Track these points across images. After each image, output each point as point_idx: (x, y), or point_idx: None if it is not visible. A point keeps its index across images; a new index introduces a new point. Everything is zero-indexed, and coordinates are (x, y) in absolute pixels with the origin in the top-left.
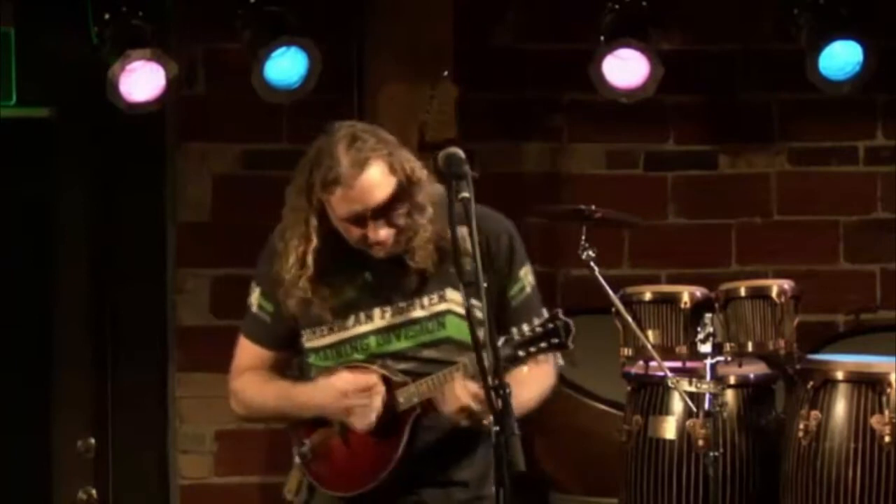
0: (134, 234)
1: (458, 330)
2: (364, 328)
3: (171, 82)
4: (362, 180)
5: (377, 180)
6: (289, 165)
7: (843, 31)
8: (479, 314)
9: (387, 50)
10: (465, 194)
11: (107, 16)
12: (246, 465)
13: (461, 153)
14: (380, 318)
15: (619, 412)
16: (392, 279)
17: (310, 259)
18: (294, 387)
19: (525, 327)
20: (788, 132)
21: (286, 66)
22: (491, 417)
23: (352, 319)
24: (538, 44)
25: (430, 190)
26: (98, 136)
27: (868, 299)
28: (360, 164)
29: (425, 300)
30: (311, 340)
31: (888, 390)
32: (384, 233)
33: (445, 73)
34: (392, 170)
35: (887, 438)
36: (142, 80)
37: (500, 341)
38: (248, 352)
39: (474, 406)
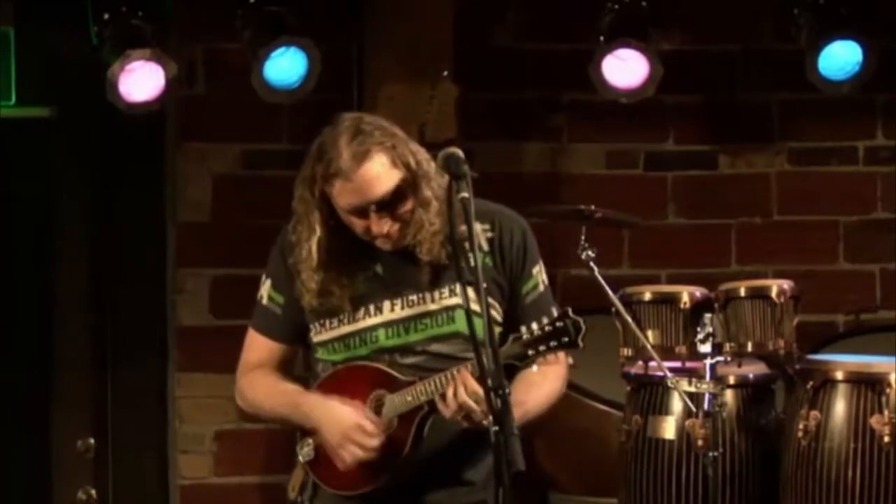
0: (134, 234)
1: (467, 325)
2: (373, 321)
3: (170, 82)
4: (362, 173)
5: (378, 173)
6: (289, 165)
7: (843, 31)
8: (493, 314)
9: (387, 50)
10: (465, 194)
11: (107, 16)
12: (246, 465)
13: (461, 153)
14: (389, 310)
15: (618, 412)
16: (403, 272)
17: (314, 250)
18: (302, 396)
19: (534, 325)
20: (788, 132)
21: (286, 66)
22: (490, 417)
23: (361, 311)
24: (538, 44)
25: (438, 183)
26: (98, 136)
27: (868, 299)
28: (361, 157)
29: (436, 294)
30: (319, 334)
31: (888, 390)
32: (388, 226)
33: (445, 73)
34: (395, 163)
35: (887, 438)
36: (141, 80)
37: (509, 339)
38: (257, 345)
39: (473, 406)
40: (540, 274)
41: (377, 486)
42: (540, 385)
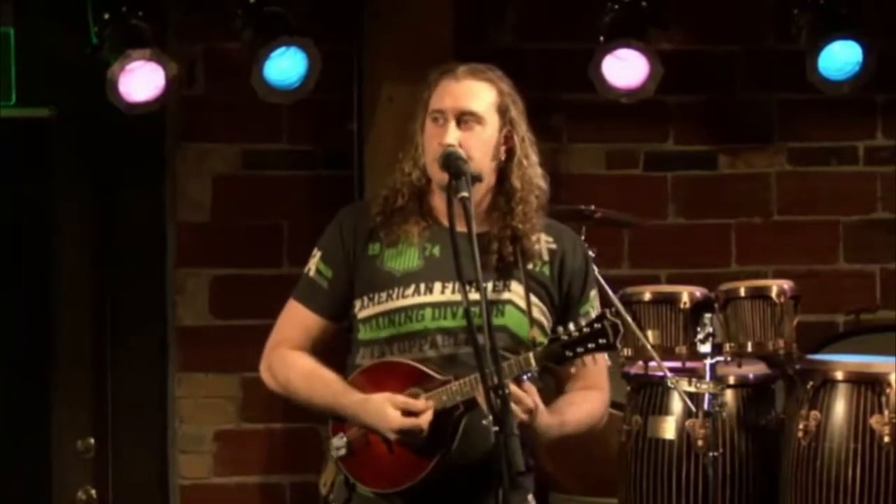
0: (134, 234)
1: (516, 322)
2: (422, 299)
3: (170, 82)
4: (470, 83)
5: (481, 92)
6: (289, 165)
7: (843, 31)
8: (542, 319)
9: (387, 50)
10: (465, 194)
11: (106, 16)
12: (246, 465)
13: (461, 152)
14: (440, 292)
15: (618, 412)
16: (460, 259)
17: (405, 189)
18: (343, 393)
19: (571, 326)
20: (788, 132)
21: (286, 66)
22: (490, 417)
23: (412, 288)
24: (538, 44)
25: (531, 175)
26: (98, 136)
27: (868, 299)
28: (476, 74)
29: (489, 286)
30: (365, 309)
31: (888, 390)
32: (455, 137)
33: None
34: (500, 109)
35: (887, 438)
36: (141, 80)
37: (546, 341)
38: (294, 315)
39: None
40: (595, 299)
41: (412, 483)
42: (580, 404)
